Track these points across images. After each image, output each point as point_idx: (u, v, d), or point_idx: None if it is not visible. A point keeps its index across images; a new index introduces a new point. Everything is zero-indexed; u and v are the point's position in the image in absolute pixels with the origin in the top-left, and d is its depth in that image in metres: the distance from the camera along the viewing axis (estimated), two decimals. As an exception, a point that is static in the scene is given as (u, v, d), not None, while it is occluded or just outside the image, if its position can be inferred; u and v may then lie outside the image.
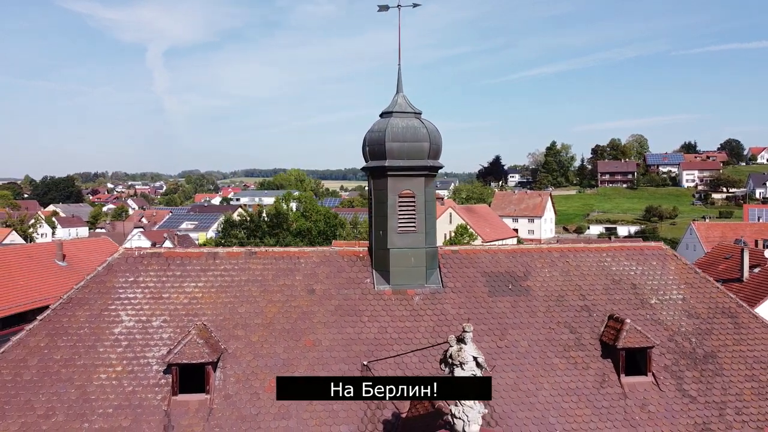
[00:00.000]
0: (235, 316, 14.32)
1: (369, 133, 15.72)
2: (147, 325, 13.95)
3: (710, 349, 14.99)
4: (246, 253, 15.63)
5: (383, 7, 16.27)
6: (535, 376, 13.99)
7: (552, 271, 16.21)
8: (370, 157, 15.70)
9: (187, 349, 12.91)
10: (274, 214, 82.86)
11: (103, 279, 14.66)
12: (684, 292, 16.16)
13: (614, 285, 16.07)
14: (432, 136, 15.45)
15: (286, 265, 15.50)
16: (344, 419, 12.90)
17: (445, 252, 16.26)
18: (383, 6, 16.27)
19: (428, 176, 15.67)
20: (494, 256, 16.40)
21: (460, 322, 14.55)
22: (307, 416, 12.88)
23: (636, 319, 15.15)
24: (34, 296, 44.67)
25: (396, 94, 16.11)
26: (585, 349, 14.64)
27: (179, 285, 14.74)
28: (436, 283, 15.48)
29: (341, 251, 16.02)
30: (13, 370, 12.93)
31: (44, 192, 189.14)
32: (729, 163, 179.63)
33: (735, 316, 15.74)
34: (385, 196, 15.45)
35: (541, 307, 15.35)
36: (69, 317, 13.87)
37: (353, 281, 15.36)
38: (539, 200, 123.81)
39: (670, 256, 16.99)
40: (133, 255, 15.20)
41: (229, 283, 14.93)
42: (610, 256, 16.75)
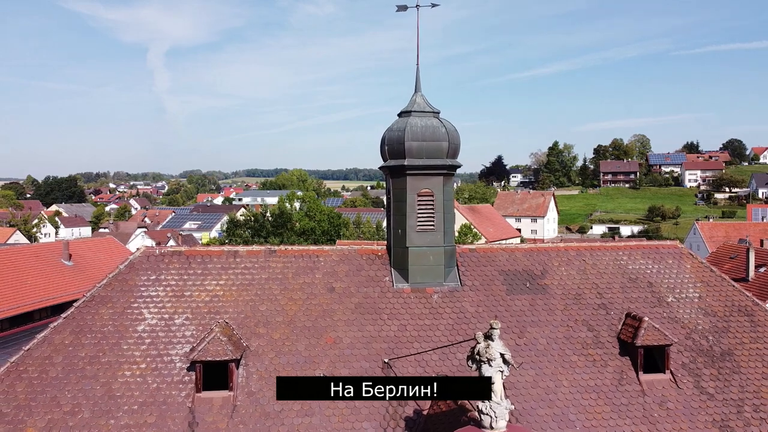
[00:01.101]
0: (257, 314, 14.43)
1: (388, 132, 15.83)
2: (170, 323, 14.07)
3: (727, 347, 15.09)
4: (266, 252, 15.74)
5: (402, 7, 16.39)
6: (554, 373, 14.10)
7: (569, 269, 16.31)
8: (389, 155, 15.80)
9: (211, 347, 13.02)
10: (278, 214, 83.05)
11: (126, 277, 14.77)
12: (700, 291, 16.26)
13: (631, 283, 16.17)
14: (451, 136, 15.57)
15: (305, 263, 15.61)
16: (366, 416, 13.01)
17: (463, 250, 16.36)
18: (402, 6, 16.38)
19: (447, 175, 15.78)
20: (511, 254, 16.50)
21: (479, 321, 14.74)
22: (330, 413, 13.00)
23: (653, 317, 15.24)
24: (42, 295, 44.90)
25: (414, 93, 16.22)
26: (603, 346, 14.74)
27: (201, 283, 14.86)
28: (454, 281, 15.58)
29: (360, 249, 16.13)
30: (39, 368, 13.05)
31: (47, 192, 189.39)
32: (731, 163, 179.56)
33: (751, 314, 15.84)
34: (404, 194, 15.55)
35: (559, 305, 15.46)
36: (93, 315, 13.99)
37: (372, 279, 15.47)
38: (542, 200, 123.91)
39: (686, 254, 17.10)
40: (154, 253, 15.31)
41: (250, 281, 15.04)
42: (626, 255, 16.86)
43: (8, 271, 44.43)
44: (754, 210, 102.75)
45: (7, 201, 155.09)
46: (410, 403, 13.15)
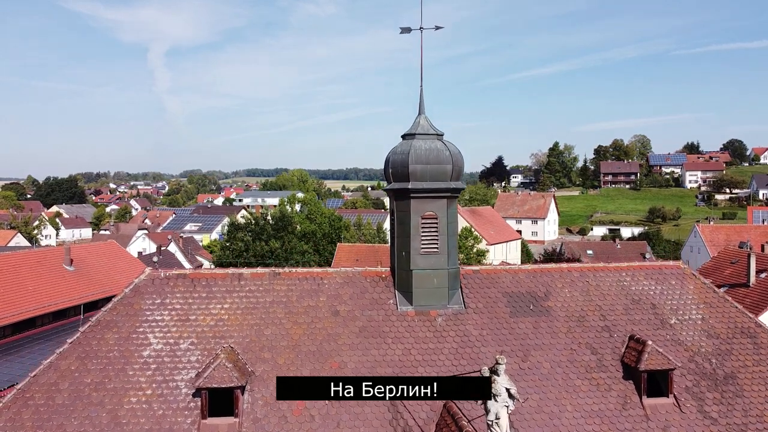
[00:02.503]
0: (262, 338, 14.48)
1: (392, 155, 15.87)
2: (175, 348, 14.12)
3: (730, 370, 15.14)
4: (270, 274, 15.79)
5: (405, 29, 16.43)
6: (558, 398, 14.15)
7: (572, 291, 16.36)
8: (393, 178, 15.85)
9: (217, 373, 13.08)
10: (279, 217, 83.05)
11: (131, 301, 14.82)
12: (703, 312, 16.30)
13: (634, 305, 16.22)
14: (455, 159, 15.61)
15: (310, 286, 15.66)
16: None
17: (467, 272, 16.41)
18: (405, 28, 16.42)
19: (451, 198, 15.82)
20: (515, 275, 16.55)
21: (483, 344, 14.79)
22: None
23: (656, 339, 15.29)
24: (44, 301, 44.95)
25: (418, 115, 16.26)
26: (607, 370, 14.79)
27: (205, 307, 14.91)
28: (458, 303, 15.64)
29: (364, 272, 16.17)
30: (46, 394, 13.11)
31: (47, 193, 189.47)
32: (732, 163, 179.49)
33: (754, 336, 15.89)
34: (408, 217, 15.60)
35: (563, 328, 15.51)
36: (98, 340, 14.04)
37: (376, 302, 15.52)
38: (542, 202, 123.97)
39: (688, 275, 17.14)
40: (159, 277, 15.36)
41: (254, 304, 15.09)
42: (630, 276, 16.90)
43: (10, 276, 44.47)
44: (755, 212, 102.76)
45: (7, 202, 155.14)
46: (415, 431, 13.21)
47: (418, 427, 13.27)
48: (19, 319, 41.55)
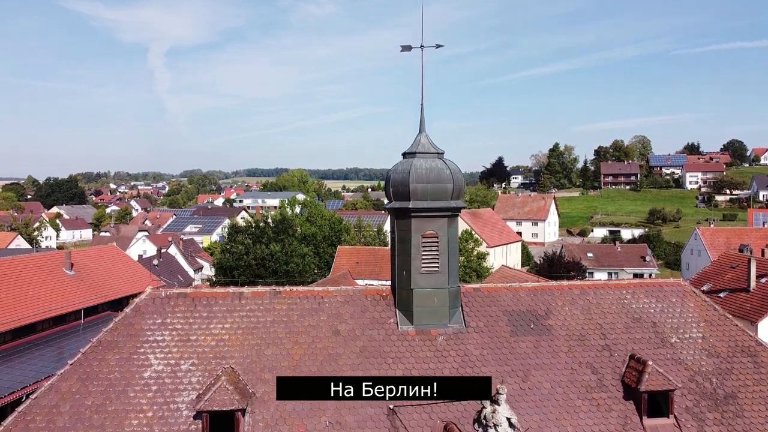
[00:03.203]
0: (263, 358, 14.49)
1: (393, 173, 15.87)
2: (176, 369, 14.13)
3: (731, 390, 15.15)
4: (271, 293, 15.80)
5: (406, 47, 16.43)
6: (558, 418, 14.16)
7: (573, 309, 16.37)
8: (393, 197, 15.85)
9: (218, 396, 13.09)
10: (280, 220, 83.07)
11: (132, 321, 14.83)
12: (703, 330, 16.31)
13: (634, 323, 16.23)
14: (455, 177, 15.61)
15: (310, 305, 15.67)
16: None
17: (467, 290, 16.41)
18: (406, 46, 16.43)
19: (451, 217, 15.82)
20: (515, 293, 16.55)
21: (483, 364, 14.80)
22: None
23: (657, 358, 15.31)
24: (44, 306, 45.00)
25: (419, 133, 16.26)
26: (607, 390, 14.80)
27: (206, 327, 14.92)
28: (458, 322, 15.64)
29: (364, 290, 16.18)
30: (47, 417, 13.13)
31: (48, 193, 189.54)
32: (732, 164, 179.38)
33: (754, 354, 15.90)
34: (409, 236, 15.60)
35: (563, 347, 15.51)
36: (99, 361, 14.05)
37: (377, 321, 15.53)
38: (543, 203, 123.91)
39: (689, 292, 17.14)
40: (160, 296, 15.37)
41: (255, 324, 15.10)
42: (630, 293, 16.91)
43: (10, 281, 44.48)
44: (755, 215, 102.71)
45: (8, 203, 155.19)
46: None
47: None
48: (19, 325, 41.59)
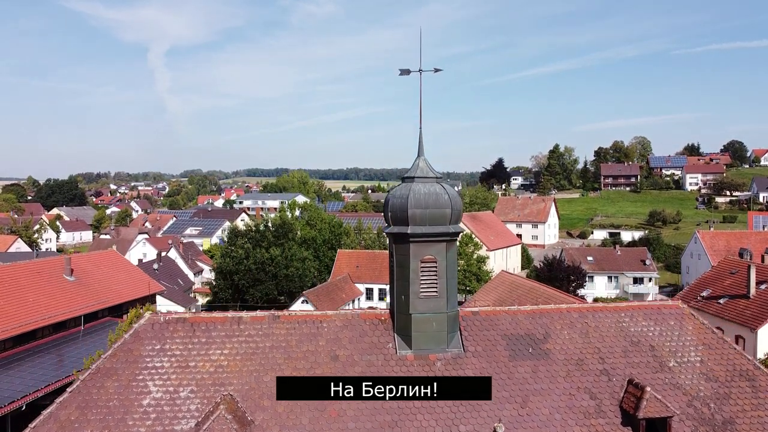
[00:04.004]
0: (261, 385, 14.51)
1: (391, 198, 15.89)
2: (174, 396, 14.15)
3: (729, 415, 15.16)
4: (270, 317, 15.81)
5: (405, 71, 16.44)
6: (556, 445, 14.17)
7: (571, 332, 16.38)
8: (392, 222, 15.86)
9: (216, 426, 13.12)
10: (280, 224, 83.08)
11: (131, 347, 14.85)
12: (702, 354, 16.33)
13: (633, 347, 16.24)
14: (454, 202, 15.62)
15: (309, 330, 15.68)
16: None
17: (466, 314, 16.43)
18: (405, 70, 16.44)
19: (450, 241, 15.83)
20: (514, 317, 16.57)
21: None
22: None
23: (655, 383, 15.33)
24: (44, 313, 45.04)
25: (417, 157, 16.27)
26: (605, 416, 14.82)
27: (205, 352, 14.94)
28: (457, 347, 15.66)
29: (363, 314, 16.19)
30: (46, 446, 13.14)
31: (48, 194, 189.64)
32: (732, 165, 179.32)
33: (752, 379, 15.91)
34: (407, 261, 15.61)
35: (562, 372, 15.53)
36: (98, 388, 14.08)
37: (376, 346, 15.54)
38: (543, 205, 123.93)
39: (687, 315, 17.16)
40: (158, 321, 15.38)
41: (254, 349, 15.12)
42: (629, 316, 16.92)
43: (10, 288, 44.53)
44: (755, 218, 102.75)
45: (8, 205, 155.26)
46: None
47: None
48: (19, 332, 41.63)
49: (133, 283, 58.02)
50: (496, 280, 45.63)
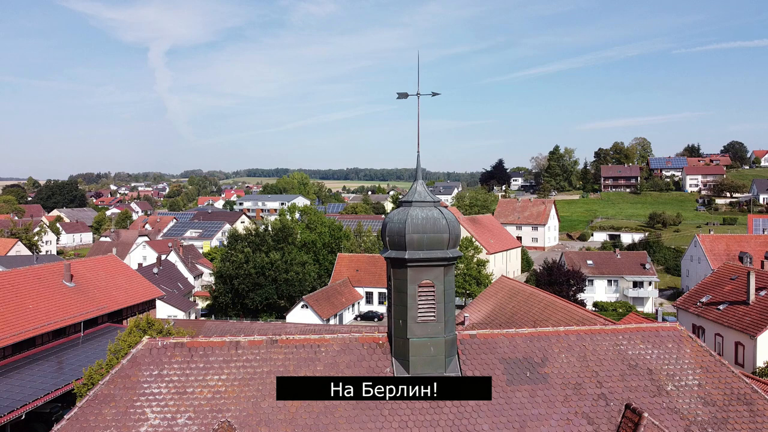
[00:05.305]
0: (259, 411, 14.51)
1: (389, 222, 15.88)
2: (172, 423, 14.15)
3: (726, 440, 15.16)
4: (267, 342, 15.81)
5: (402, 94, 16.44)
6: (554, 472, 14.18)
7: (569, 356, 16.38)
8: (390, 246, 15.85)
9: (214, 454, 13.12)
10: (280, 228, 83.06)
11: (128, 373, 14.86)
12: (700, 377, 16.32)
13: (631, 371, 16.24)
14: (451, 227, 15.62)
15: (306, 354, 15.68)
16: None
17: (464, 337, 16.43)
18: (402, 94, 16.43)
19: (447, 266, 15.83)
20: (512, 340, 16.57)
21: (479, 415, 14.83)
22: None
23: (653, 407, 15.33)
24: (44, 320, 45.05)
25: (415, 181, 16.27)
26: (603, 442, 14.81)
27: (203, 378, 14.94)
28: (455, 371, 15.65)
29: (361, 338, 16.19)
30: (43, 475, 13.14)
31: (48, 196, 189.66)
32: (732, 166, 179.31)
33: (750, 403, 15.91)
34: (405, 285, 15.60)
35: (559, 396, 15.52)
36: (96, 415, 14.08)
37: (373, 370, 15.52)
38: (543, 208, 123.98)
39: (685, 337, 17.16)
40: (156, 346, 15.39)
41: (251, 375, 15.12)
42: (626, 339, 16.92)
43: (10, 295, 44.53)
44: (755, 221, 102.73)
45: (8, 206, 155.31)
46: None
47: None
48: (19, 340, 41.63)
49: (133, 288, 57.98)
50: (495, 285, 45.54)
